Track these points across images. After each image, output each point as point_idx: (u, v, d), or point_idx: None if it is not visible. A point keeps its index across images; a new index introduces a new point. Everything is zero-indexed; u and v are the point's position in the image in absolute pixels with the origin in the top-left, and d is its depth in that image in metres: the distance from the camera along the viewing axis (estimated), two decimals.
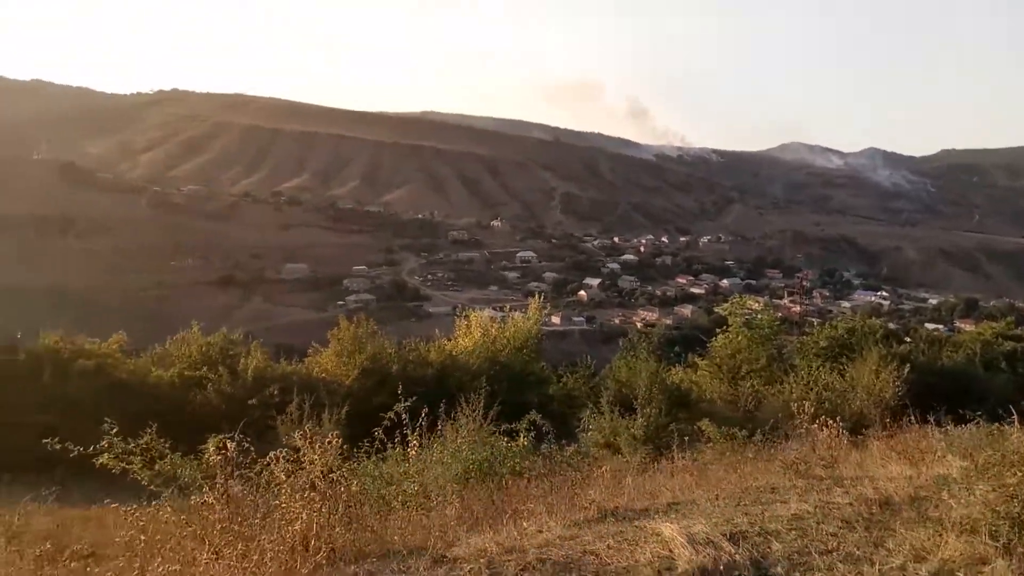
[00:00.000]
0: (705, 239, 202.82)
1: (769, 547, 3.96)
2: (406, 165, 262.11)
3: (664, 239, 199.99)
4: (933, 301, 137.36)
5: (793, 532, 4.23)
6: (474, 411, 8.89)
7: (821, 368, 15.57)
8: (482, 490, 5.42)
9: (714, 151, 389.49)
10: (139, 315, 74.72)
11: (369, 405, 15.11)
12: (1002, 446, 4.75)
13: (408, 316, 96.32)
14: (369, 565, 4.05)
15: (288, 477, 4.40)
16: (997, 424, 7.01)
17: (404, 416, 6.54)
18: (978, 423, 7.54)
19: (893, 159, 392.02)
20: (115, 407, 13.34)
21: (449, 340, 18.12)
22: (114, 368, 14.50)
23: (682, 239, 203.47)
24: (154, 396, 14.07)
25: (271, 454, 4.57)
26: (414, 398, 9.80)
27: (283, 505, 4.17)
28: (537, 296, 19.26)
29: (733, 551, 3.77)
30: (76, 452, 4.67)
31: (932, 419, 9.53)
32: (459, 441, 6.81)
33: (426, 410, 7.46)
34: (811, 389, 14.25)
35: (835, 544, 4.00)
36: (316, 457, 4.55)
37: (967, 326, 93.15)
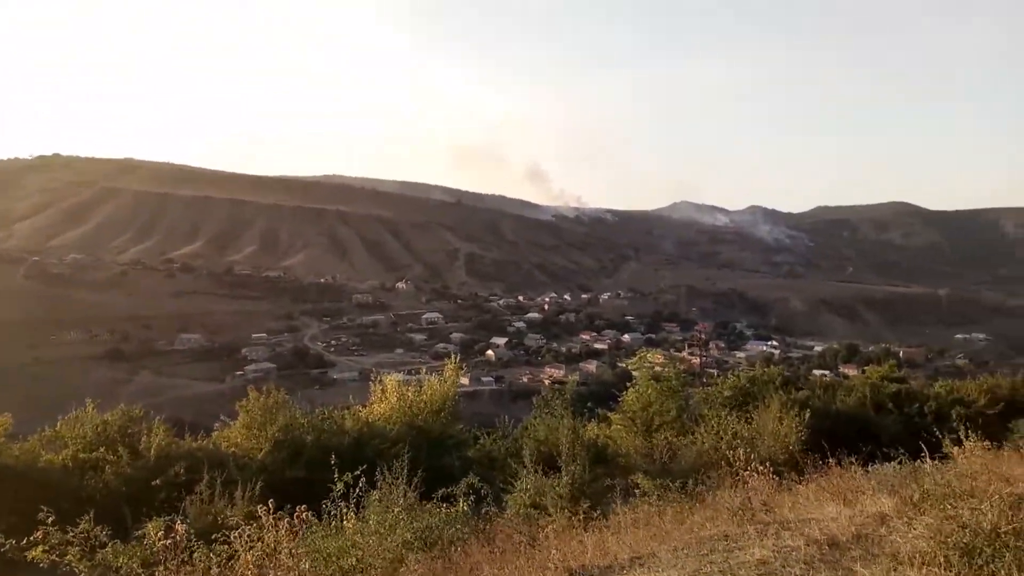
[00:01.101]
0: (605, 295, 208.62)
1: None
2: (307, 229, 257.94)
3: (566, 296, 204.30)
4: (818, 348, 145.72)
5: None
6: (397, 478, 8.78)
7: (728, 416, 16.12)
8: (429, 559, 5.31)
9: (608, 211, 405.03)
10: (16, 394, 68.83)
11: (283, 478, 14.52)
12: (934, 481, 5.12)
13: (312, 383, 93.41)
14: None
15: (255, 558, 4.23)
16: (912, 462, 7.54)
17: (337, 486, 6.36)
18: (900, 461, 8.06)
19: (773, 216, 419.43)
20: (3, 498, 12.28)
21: (364, 406, 17.73)
22: None
23: (583, 296, 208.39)
24: (45, 482, 12.95)
25: (215, 535, 4.37)
26: (333, 468, 9.56)
27: None
28: (452, 357, 19.21)
29: None
30: (7, 546, 4.30)
31: (834, 460, 10.14)
32: (396, 510, 6.68)
33: (351, 478, 7.34)
34: (721, 438, 14.84)
35: None
36: (273, 535, 4.40)
37: (850, 371, 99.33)
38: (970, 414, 16.39)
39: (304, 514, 5.43)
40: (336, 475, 7.96)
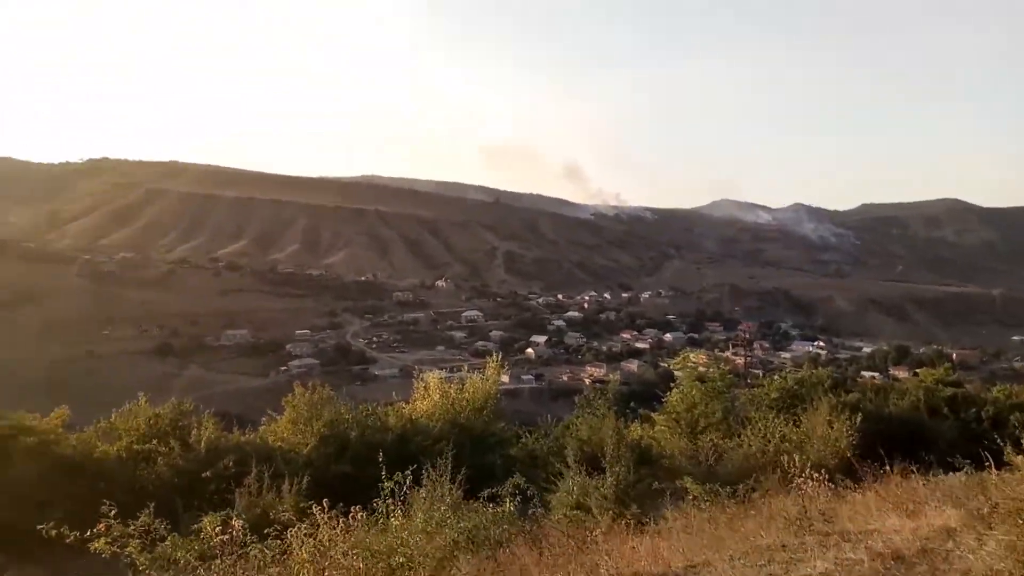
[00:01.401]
0: (646, 294, 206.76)
1: None
2: (347, 228, 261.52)
3: (607, 295, 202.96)
4: (867, 349, 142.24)
5: None
6: (442, 475, 8.77)
7: (776, 419, 15.76)
8: (479, 560, 5.27)
9: (648, 209, 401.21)
10: (70, 388, 71.14)
11: (328, 473, 14.70)
12: (1005, 494, 4.86)
13: (354, 380, 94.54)
14: None
15: (310, 555, 4.25)
16: (978, 471, 7.21)
17: (386, 484, 6.35)
18: (966, 471, 7.75)
19: (818, 213, 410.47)
20: (61, 487, 12.68)
21: (407, 403, 17.84)
22: (57, 445, 13.74)
23: (624, 295, 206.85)
24: (100, 473, 13.35)
25: (267, 530, 4.40)
26: (378, 464, 9.56)
27: None
28: (494, 355, 19.21)
29: None
30: (72, 537, 4.41)
31: (890, 467, 9.83)
32: (442, 509, 6.66)
33: (400, 476, 7.34)
34: (769, 441, 14.53)
35: None
36: (327, 532, 4.41)
37: (900, 373, 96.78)
38: None
39: (359, 513, 5.44)
40: (382, 471, 7.96)
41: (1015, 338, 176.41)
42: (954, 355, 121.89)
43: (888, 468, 7.92)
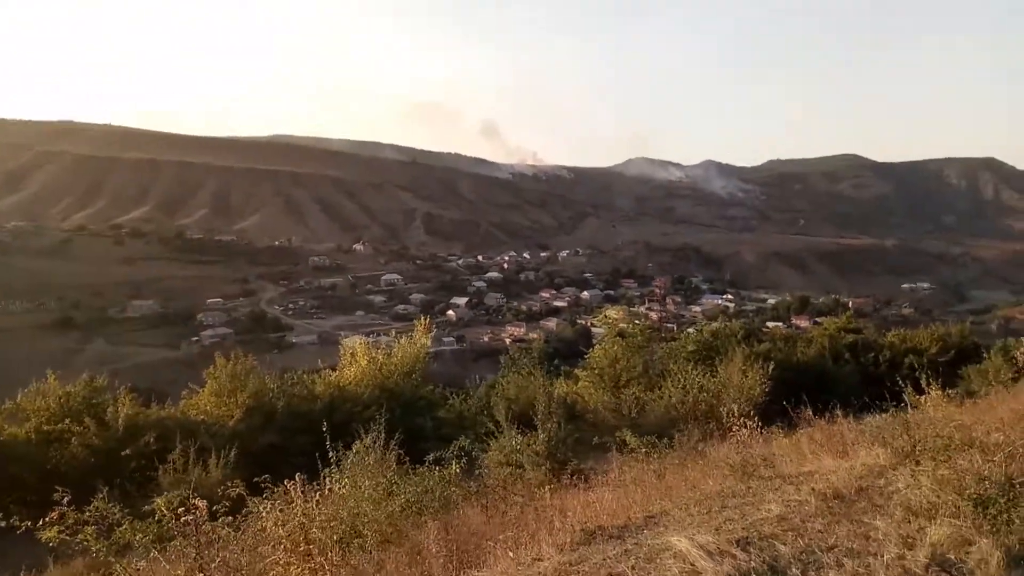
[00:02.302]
0: (564, 253, 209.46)
1: (776, 550, 4.07)
2: (259, 190, 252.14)
3: (526, 255, 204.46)
4: (771, 301, 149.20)
5: (789, 533, 4.36)
6: (376, 442, 8.82)
7: (693, 370, 16.44)
8: (432, 525, 5.36)
9: (565, 168, 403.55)
10: None
11: (256, 444, 14.49)
12: (930, 432, 5.28)
13: (271, 348, 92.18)
14: None
15: (280, 529, 4.23)
16: (882, 412, 7.80)
17: (329, 453, 6.34)
18: (887, 411, 8.32)
19: (727, 170, 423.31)
20: None
21: (334, 371, 17.68)
22: None
23: (542, 254, 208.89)
24: (9, 456, 12.73)
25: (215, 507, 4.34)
26: (305, 433, 9.39)
27: (281, 561, 3.99)
28: (420, 319, 19.20)
29: (747, 558, 3.89)
30: (23, 527, 4.24)
31: (806, 410, 10.49)
32: (389, 475, 6.72)
33: (334, 444, 7.32)
34: (688, 392, 15.22)
35: (832, 540, 4.18)
36: (305, 507, 4.40)
37: (802, 322, 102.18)
38: (922, 363, 17.09)
39: (303, 484, 5.43)
40: (317, 440, 7.92)
41: (904, 286, 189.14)
42: (850, 303, 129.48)
43: (811, 412, 8.45)
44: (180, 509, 4.26)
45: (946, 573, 3.64)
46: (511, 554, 4.56)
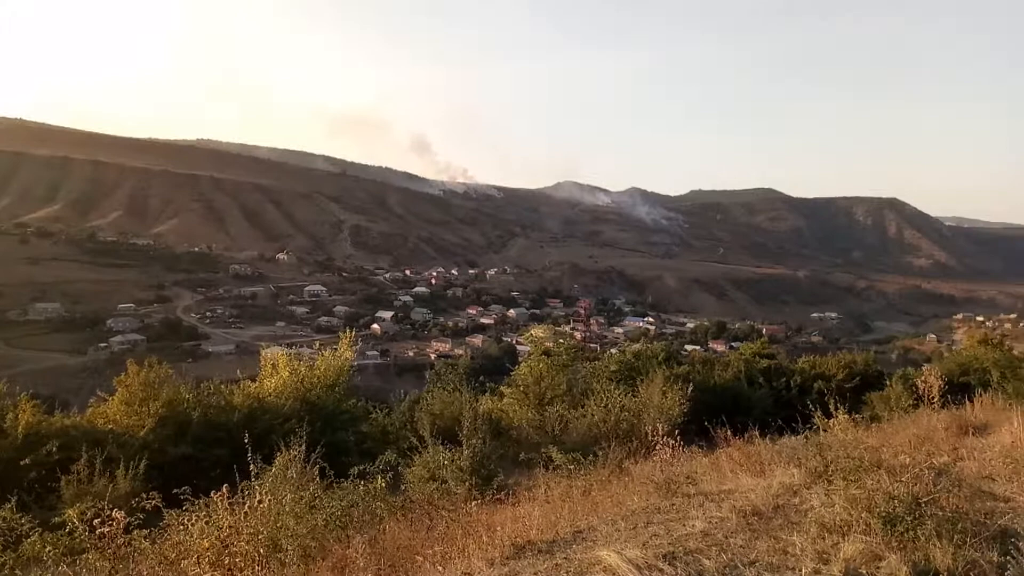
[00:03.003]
0: (492, 271, 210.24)
1: (701, 564, 4.18)
2: (179, 195, 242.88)
3: (454, 271, 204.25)
4: (690, 324, 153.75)
5: (713, 548, 4.50)
6: (295, 456, 8.63)
7: (616, 390, 16.77)
8: (359, 540, 5.25)
9: (496, 187, 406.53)
10: None
11: (167, 456, 13.89)
12: (840, 454, 5.55)
13: (185, 356, 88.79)
14: None
15: (203, 541, 4.07)
16: (793, 434, 8.17)
17: (250, 466, 6.17)
18: (804, 434, 8.68)
19: (652, 198, 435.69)
20: None
21: (253, 381, 17.17)
22: None
23: (471, 271, 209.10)
24: None
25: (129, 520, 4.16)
26: (221, 445, 9.02)
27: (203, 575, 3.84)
28: (346, 331, 18.90)
29: (673, 572, 3.98)
30: None
31: (722, 431, 10.87)
32: (312, 488, 6.58)
33: (254, 456, 7.13)
34: (610, 411, 15.50)
35: (753, 555, 4.32)
36: (234, 520, 4.25)
37: (718, 346, 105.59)
38: (831, 388, 17.95)
39: (224, 496, 5.26)
40: (238, 451, 7.68)
41: (814, 315, 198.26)
42: (764, 330, 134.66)
43: (727, 432, 8.76)
44: (95, 520, 4.07)
45: None
46: (440, 568, 4.54)
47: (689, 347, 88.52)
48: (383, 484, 7.47)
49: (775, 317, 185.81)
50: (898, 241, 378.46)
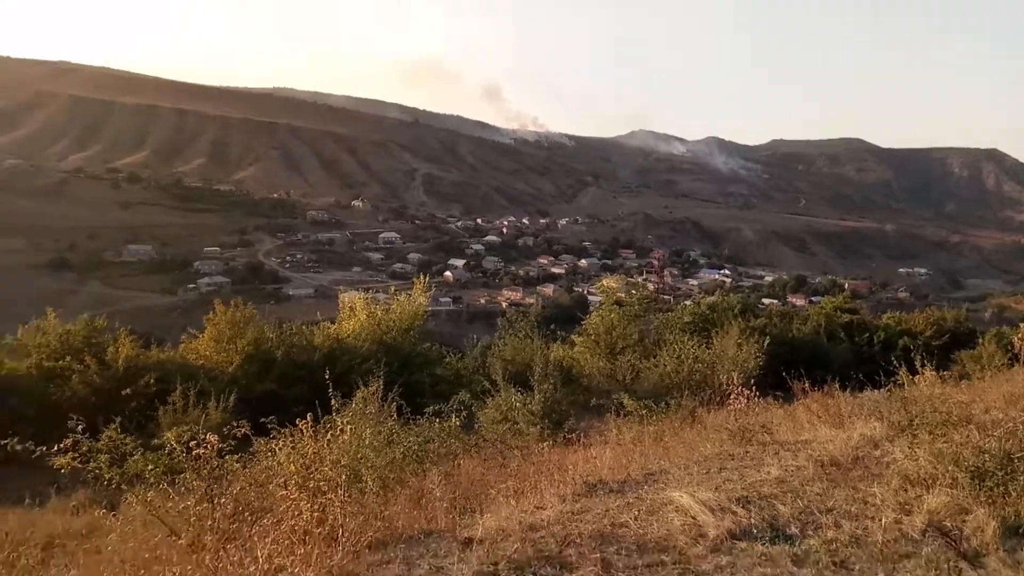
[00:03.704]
0: (563, 221, 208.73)
1: (776, 509, 4.19)
2: (258, 142, 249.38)
3: (525, 220, 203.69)
4: (768, 278, 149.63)
5: (788, 495, 4.49)
6: (375, 393, 8.92)
7: (689, 341, 16.57)
8: (435, 472, 5.46)
9: (567, 136, 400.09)
10: None
11: (254, 391, 14.63)
12: (928, 407, 5.36)
13: (267, 299, 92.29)
14: (396, 551, 3.93)
15: (289, 466, 4.32)
16: (892, 389, 7.92)
17: (331, 400, 6.40)
18: (886, 388, 8.42)
19: (730, 147, 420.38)
20: None
21: (333, 323, 17.78)
22: None
23: (542, 221, 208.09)
24: (10, 389, 12.87)
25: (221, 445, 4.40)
26: (303, 381, 9.37)
27: (291, 496, 4.07)
28: (420, 278, 19.26)
29: (747, 515, 4.00)
30: (37, 452, 4.31)
31: (793, 384, 10.63)
32: (390, 424, 6.82)
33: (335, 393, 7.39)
34: (683, 362, 15.36)
35: (831, 503, 4.30)
36: (318, 447, 4.49)
37: (798, 300, 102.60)
38: (917, 345, 17.25)
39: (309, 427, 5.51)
40: (323, 387, 7.98)
41: (901, 270, 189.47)
42: (847, 285, 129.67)
43: (805, 385, 8.55)
44: (191, 443, 4.33)
45: (943, 538, 3.74)
46: (513, 502, 4.65)
47: (767, 301, 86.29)
48: (457, 423, 7.65)
49: (859, 272, 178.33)
50: (997, 194, 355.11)
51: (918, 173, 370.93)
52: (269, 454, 5.04)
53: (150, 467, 4.71)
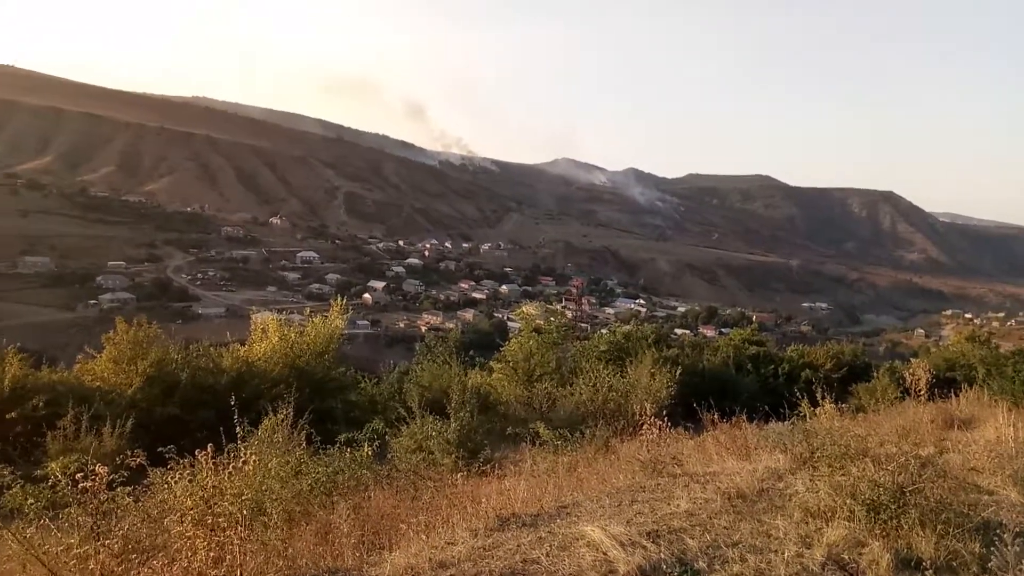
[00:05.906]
0: (486, 246, 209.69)
1: (685, 543, 4.24)
2: (172, 152, 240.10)
3: (448, 244, 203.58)
4: (681, 308, 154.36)
5: (697, 528, 4.56)
6: (284, 420, 8.63)
7: (604, 370, 16.81)
8: (343, 506, 5.27)
9: (492, 161, 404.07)
10: None
11: (154, 416, 13.87)
12: (828, 440, 5.58)
13: (175, 317, 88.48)
14: None
15: (186, 500, 4.06)
16: (795, 421, 8.23)
17: (238, 428, 6.14)
18: (790, 421, 8.73)
19: (647, 179, 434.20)
20: None
21: (242, 344, 17.12)
22: None
23: (464, 245, 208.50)
24: None
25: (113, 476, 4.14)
26: (208, 407, 8.96)
27: (187, 533, 3.83)
28: (335, 299, 18.84)
29: (656, 550, 4.02)
30: None
31: (703, 415, 10.93)
32: (298, 453, 6.58)
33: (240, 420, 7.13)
34: (598, 390, 15.57)
35: (737, 537, 4.38)
36: (219, 479, 4.24)
37: (708, 331, 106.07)
38: (818, 377, 18.07)
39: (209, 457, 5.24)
40: (225, 413, 7.66)
41: (804, 304, 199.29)
42: (755, 317, 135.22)
43: (714, 416, 8.79)
44: (78, 475, 4.05)
45: (841, 571, 3.89)
46: (424, 537, 4.56)
47: (679, 331, 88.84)
48: (370, 452, 7.47)
49: (765, 305, 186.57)
50: (891, 234, 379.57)
51: (821, 211, 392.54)
52: (165, 487, 4.76)
53: (30, 501, 4.37)
